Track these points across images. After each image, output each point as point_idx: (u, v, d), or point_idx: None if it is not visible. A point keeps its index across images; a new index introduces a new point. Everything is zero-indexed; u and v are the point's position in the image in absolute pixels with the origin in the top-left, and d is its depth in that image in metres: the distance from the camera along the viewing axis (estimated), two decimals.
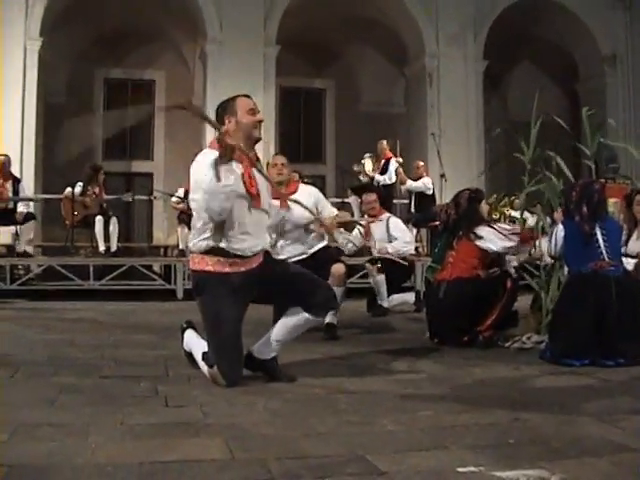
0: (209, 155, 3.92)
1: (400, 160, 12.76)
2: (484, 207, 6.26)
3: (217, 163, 3.79)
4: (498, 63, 18.51)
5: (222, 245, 4.03)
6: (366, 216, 8.67)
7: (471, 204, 6.09)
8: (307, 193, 6.30)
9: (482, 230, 5.91)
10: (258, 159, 4.27)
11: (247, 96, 4.26)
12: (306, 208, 5.27)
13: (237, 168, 4.00)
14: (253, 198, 4.09)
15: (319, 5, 17.17)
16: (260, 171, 4.21)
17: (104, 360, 4.99)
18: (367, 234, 8.32)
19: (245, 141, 4.11)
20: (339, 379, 4.27)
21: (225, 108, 4.18)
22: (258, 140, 4.24)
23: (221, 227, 4.01)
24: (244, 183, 4.03)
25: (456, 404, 3.63)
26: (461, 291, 5.76)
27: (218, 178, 3.78)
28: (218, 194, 3.81)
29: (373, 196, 8.66)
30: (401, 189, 12.73)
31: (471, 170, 15.78)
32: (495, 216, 12.02)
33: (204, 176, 3.84)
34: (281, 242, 6.21)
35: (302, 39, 18.21)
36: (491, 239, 5.88)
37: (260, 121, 4.21)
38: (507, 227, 5.97)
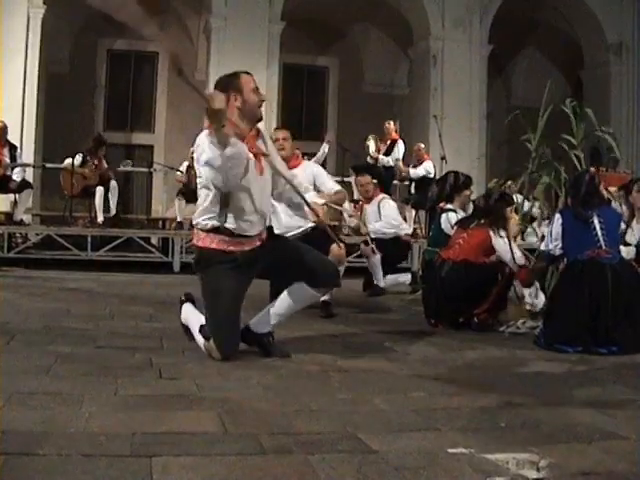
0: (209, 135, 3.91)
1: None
2: (512, 216, 6.30)
3: (217, 139, 3.75)
4: (503, 48, 18.41)
5: (227, 225, 4.04)
6: (350, 206, 8.64)
7: (501, 202, 6.14)
8: (309, 169, 6.23)
9: (504, 233, 5.87)
10: (260, 134, 4.25)
11: (248, 73, 4.22)
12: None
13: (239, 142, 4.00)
14: (256, 167, 4.06)
15: None
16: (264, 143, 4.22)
17: (100, 330, 5.00)
18: (360, 216, 8.33)
19: (249, 120, 4.12)
20: (333, 357, 4.29)
21: (229, 84, 4.12)
22: (260, 119, 4.22)
23: (227, 206, 4.00)
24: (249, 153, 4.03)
25: (449, 386, 3.66)
26: (466, 274, 5.75)
27: (221, 148, 3.75)
28: (220, 160, 3.75)
29: (367, 178, 8.63)
30: (401, 175, 12.52)
31: (472, 153, 15.75)
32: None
33: (207, 148, 3.80)
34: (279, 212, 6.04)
35: (307, 16, 18.08)
36: (503, 248, 5.80)
37: (263, 100, 4.21)
38: (519, 254, 5.89)
